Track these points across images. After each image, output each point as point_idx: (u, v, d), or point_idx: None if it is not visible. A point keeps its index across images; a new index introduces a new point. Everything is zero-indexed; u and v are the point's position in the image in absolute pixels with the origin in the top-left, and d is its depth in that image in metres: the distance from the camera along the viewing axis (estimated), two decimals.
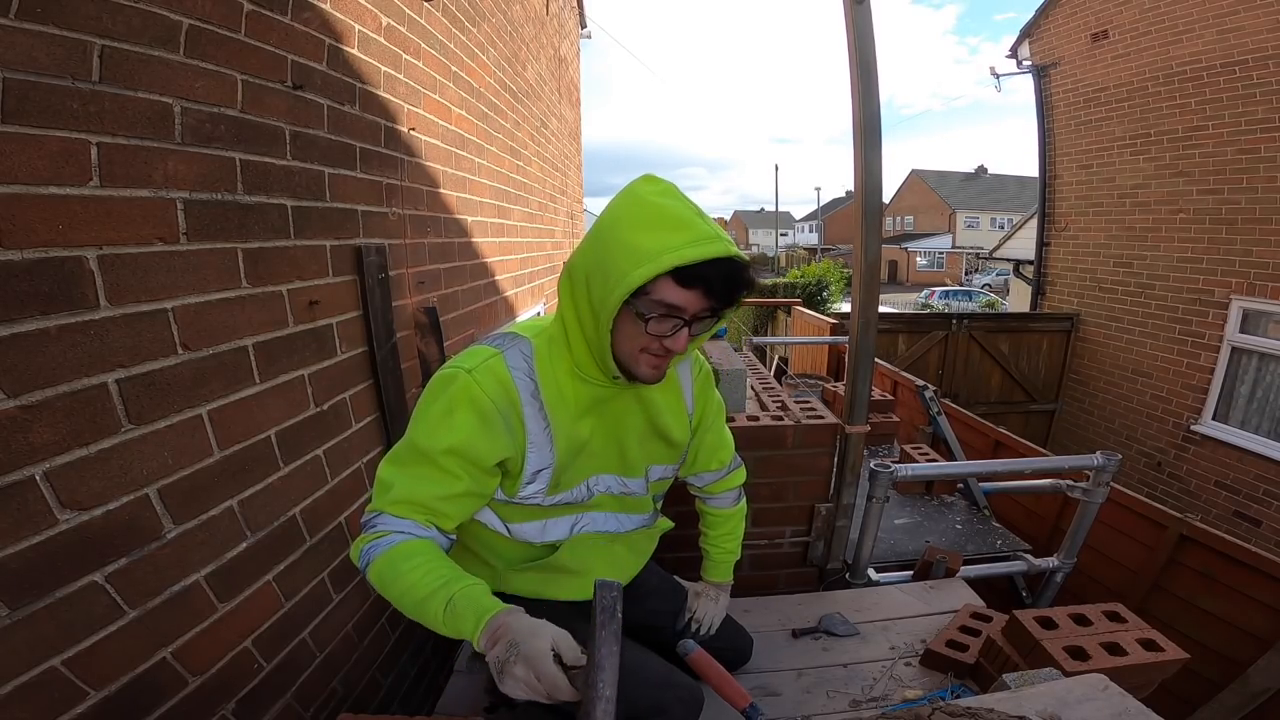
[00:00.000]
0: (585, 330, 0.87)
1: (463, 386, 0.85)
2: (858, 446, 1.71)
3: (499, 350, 0.89)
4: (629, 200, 0.82)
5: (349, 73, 1.48)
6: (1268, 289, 4.33)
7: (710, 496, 1.30)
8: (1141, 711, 0.93)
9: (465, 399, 0.84)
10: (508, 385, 0.87)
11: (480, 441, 0.86)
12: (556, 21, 4.67)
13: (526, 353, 0.90)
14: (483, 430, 0.86)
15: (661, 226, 0.79)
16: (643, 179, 0.86)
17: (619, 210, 0.82)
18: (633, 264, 0.77)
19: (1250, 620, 1.95)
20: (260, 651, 1.15)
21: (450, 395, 0.85)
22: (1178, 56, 4.80)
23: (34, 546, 0.76)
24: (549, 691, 0.67)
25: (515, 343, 0.91)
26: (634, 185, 0.85)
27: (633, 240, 0.78)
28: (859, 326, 1.61)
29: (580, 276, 0.85)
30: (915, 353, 5.92)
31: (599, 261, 0.81)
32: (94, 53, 0.84)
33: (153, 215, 0.93)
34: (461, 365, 0.87)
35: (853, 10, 1.41)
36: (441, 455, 0.84)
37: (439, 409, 0.86)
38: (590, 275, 0.83)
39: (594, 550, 1.09)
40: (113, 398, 0.87)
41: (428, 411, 0.87)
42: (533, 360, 0.90)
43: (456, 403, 0.85)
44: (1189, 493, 4.85)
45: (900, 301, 21.74)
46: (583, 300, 0.85)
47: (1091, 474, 1.85)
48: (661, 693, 1.04)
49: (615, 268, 0.79)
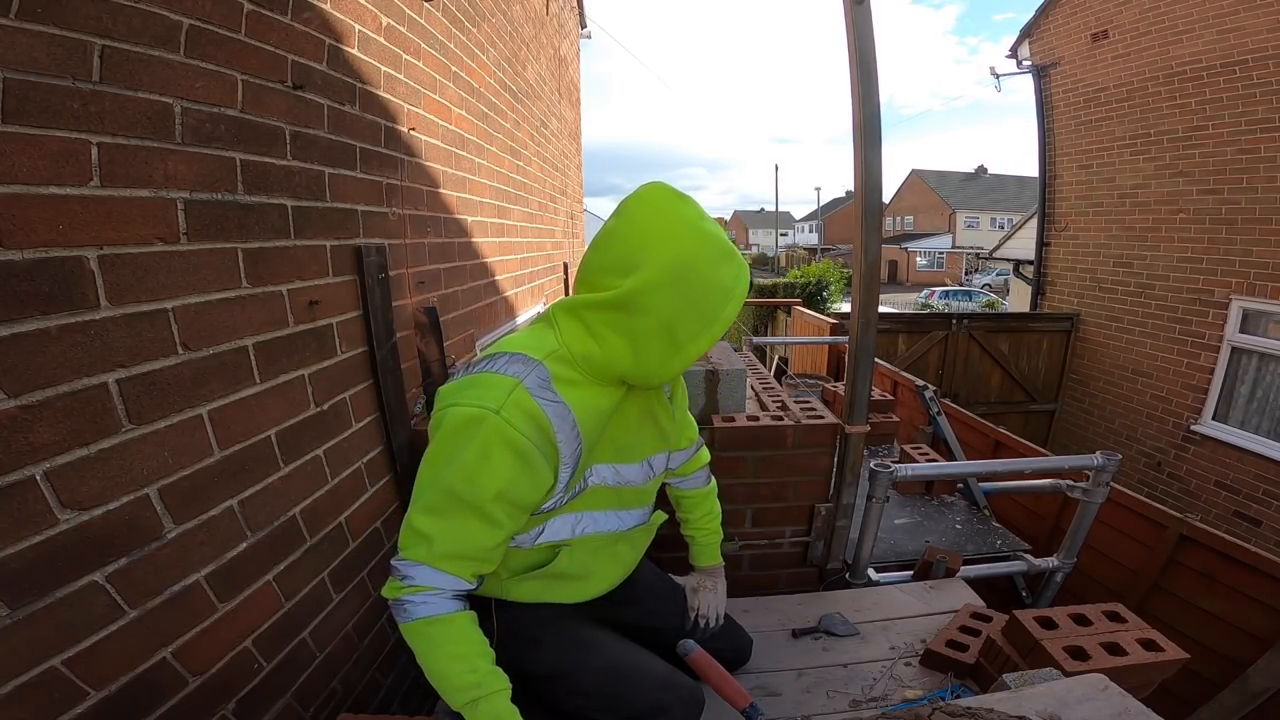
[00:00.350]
0: (647, 360, 0.87)
1: (495, 429, 0.81)
2: (858, 446, 1.71)
3: (519, 380, 0.84)
4: (692, 233, 0.84)
5: (349, 73, 1.48)
6: (1268, 289, 4.33)
7: (684, 479, 1.31)
8: (1141, 711, 0.93)
9: (500, 442, 0.82)
10: (539, 419, 0.85)
11: (523, 483, 0.86)
12: (556, 21, 4.67)
13: (544, 378, 0.87)
14: (525, 472, 0.85)
15: (724, 256, 0.85)
16: (672, 196, 0.86)
17: (691, 248, 0.83)
18: (723, 301, 0.85)
19: (1250, 620, 1.95)
20: (260, 651, 1.15)
21: (483, 439, 0.81)
22: (1178, 56, 4.80)
23: (34, 546, 0.76)
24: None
25: (531, 369, 0.86)
26: (681, 211, 0.85)
27: (717, 277, 0.84)
28: (859, 326, 1.61)
29: (654, 318, 0.84)
30: (915, 353, 5.92)
31: (688, 305, 0.83)
32: (94, 53, 0.84)
33: (153, 215, 0.93)
34: (486, 405, 0.82)
35: (853, 10, 1.41)
36: (489, 503, 0.84)
37: (473, 454, 0.82)
38: (674, 319, 0.84)
39: (596, 552, 1.09)
40: (113, 398, 0.87)
41: (458, 456, 0.82)
42: (552, 384, 0.87)
43: (491, 446, 0.82)
44: (1189, 493, 4.85)
45: (900, 301, 21.74)
46: (653, 336, 0.85)
47: (1091, 474, 1.85)
48: (663, 693, 1.05)
49: (709, 307, 0.85)
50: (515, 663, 1.00)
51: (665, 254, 0.82)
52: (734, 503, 1.74)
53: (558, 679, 1.05)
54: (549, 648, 1.06)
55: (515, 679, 1.00)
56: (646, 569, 1.31)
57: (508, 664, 0.97)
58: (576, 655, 1.05)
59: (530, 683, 1.04)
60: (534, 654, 1.05)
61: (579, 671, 1.05)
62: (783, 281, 16.91)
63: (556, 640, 1.07)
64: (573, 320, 0.90)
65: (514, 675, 1.00)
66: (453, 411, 0.83)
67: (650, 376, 0.90)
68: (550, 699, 1.07)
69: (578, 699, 1.05)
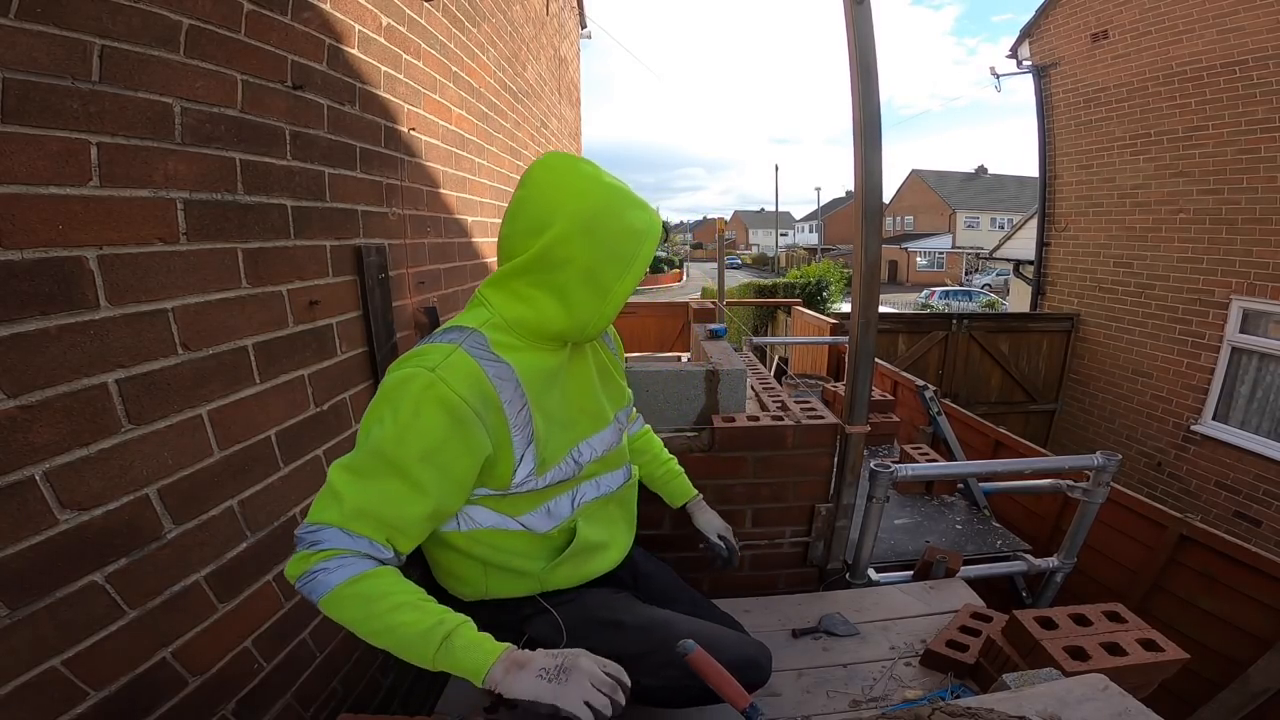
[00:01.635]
0: (579, 311, 0.90)
1: (427, 385, 0.79)
2: (858, 446, 1.71)
3: (456, 344, 0.84)
4: (595, 186, 0.88)
5: (349, 73, 1.48)
6: (1268, 289, 4.32)
7: (632, 425, 1.35)
8: (1141, 711, 0.93)
9: (433, 399, 0.79)
10: (479, 378, 0.83)
11: (454, 446, 0.82)
12: (556, 22, 4.67)
13: (482, 342, 0.87)
14: (457, 434, 0.81)
15: (630, 203, 0.91)
16: (571, 158, 0.91)
17: (596, 198, 0.87)
18: (637, 242, 0.90)
19: (1250, 620, 1.95)
20: (260, 651, 1.15)
21: (415, 397, 0.78)
22: (1178, 56, 4.80)
23: (34, 546, 0.76)
24: (616, 675, 0.81)
25: (466, 335, 0.87)
26: (581, 169, 0.89)
27: (627, 221, 0.89)
28: (859, 326, 1.60)
29: (576, 268, 0.88)
30: (915, 353, 5.92)
31: (606, 250, 0.88)
32: (94, 53, 0.84)
33: (153, 215, 0.93)
34: (421, 364, 0.80)
35: (853, 10, 1.41)
36: (414, 464, 0.79)
37: (405, 412, 0.79)
38: (595, 265, 0.88)
39: (602, 518, 1.11)
40: (113, 398, 0.87)
41: (390, 415, 0.79)
42: (491, 347, 0.88)
43: (423, 404, 0.79)
44: (1189, 493, 4.85)
45: (900, 301, 21.74)
46: (579, 286, 0.89)
47: (1091, 474, 1.85)
48: (745, 647, 1.09)
49: (625, 249, 0.89)
50: (604, 645, 0.98)
51: (573, 206, 0.86)
52: (734, 503, 1.74)
53: (648, 655, 1.04)
54: (632, 627, 1.06)
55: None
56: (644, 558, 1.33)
57: (597, 649, 0.94)
58: (661, 630, 1.06)
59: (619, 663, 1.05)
60: (619, 636, 1.05)
61: (664, 646, 1.02)
62: (783, 282, 16.90)
63: (636, 620, 1.07)
64: (499, 291, 0.93)
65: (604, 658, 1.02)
66: (391, 375, 0.82)
67: (586, 326, 0.92)
68: (639, 675, 1.03)
69: (669, 670, 1.02)
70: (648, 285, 32.15)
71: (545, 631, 1.04)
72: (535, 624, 1.05)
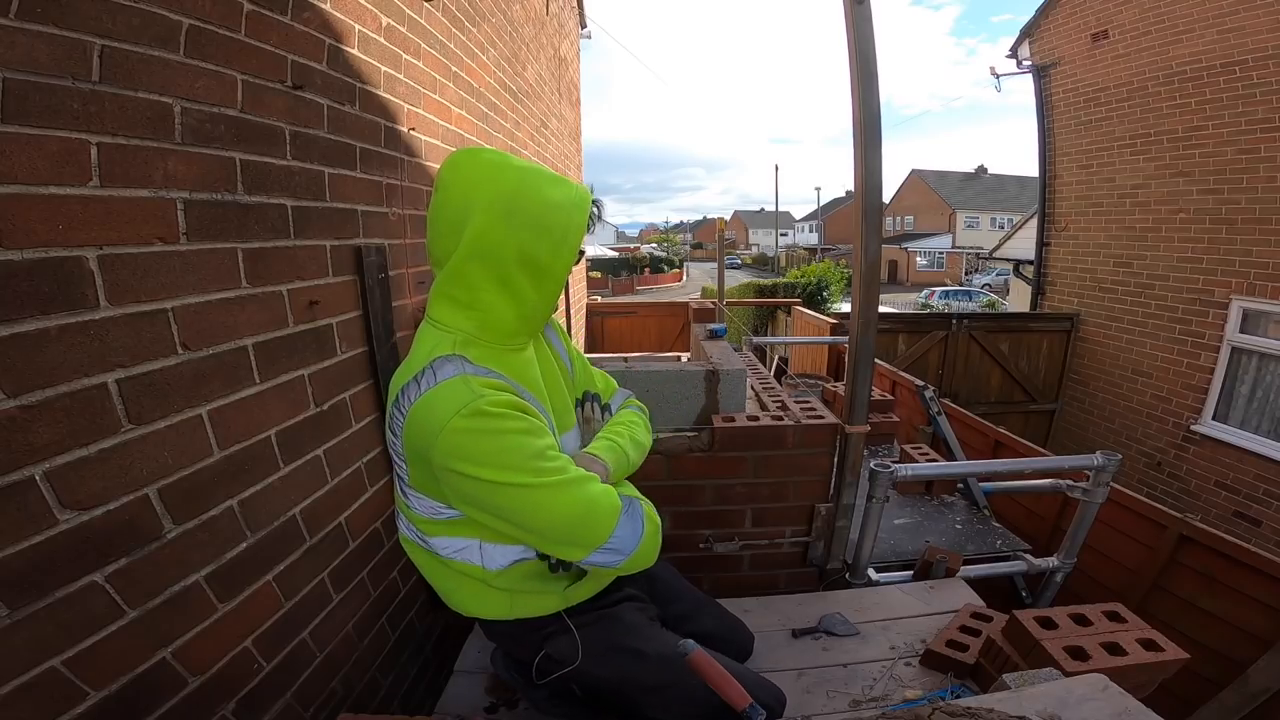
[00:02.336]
0: (525, 299, 0.90)
1: (491, 406, 0.81)
2: (858, 446, 1.71)
3: (460, 374, 0.84)
4: (504, 170, 0.86)
5: (349, 73, 1.47)
6: (1268, 289, 4.32)
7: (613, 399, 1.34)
8: (1141, 711, 0.93)
9: (501, 410, 0.82)
10: (501, 385, 0.87)
11: (538, 422, 0.88)
12: (556, 22, 4.67)
13: (469, 365, 0.87)
14: (533, 415, 0.88)
15: (547, 179, 0.89)
16: (474, 150, 0.89)
17: (508, 181, 0.85)
18: (565, 214, 0.88)
19: (1250, 620, 1.95)
20: (260, 651, 1.15)
21: (491, 419, 0.81)
22: (1178, 56, 4.80)
23: (34, 546, 0.76)
24: None
25: (455, 362, 0.86)
26: (486, 158, 0.88)
27: (547, 195, 0.87)
28: (859, 326, 1.60)
29: (508, 254, 0.86)
30: (915, 353, 5.92)
31: (532, 229, 0.86)
32: (94, 53, 0.84)
33: (153, 215, 0.93)
34: (464, 403, 0.81)
35: (853, 10, 1.41)
36: (550, 437, 0.88)
37: (504, 433, 0.82)
38: (526, 247, 0.86)
39: None
40: (113, 398, 0.87)
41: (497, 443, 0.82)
42: (480, 364, 0.88)
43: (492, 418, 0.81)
44: (1189, 493, 4.85)
45: (900, 301, 21.72)
46: (517, 273, 0.88)
47: (1091, 474, 1.85)
48: (761, 692, 1.07)
49: (553, 222, 0.87)
50: (621, 672, 1.04)
51: (486, 194, 0.84)
52: (734, 503, 1.74)
53: (666, 689, 1.07)
54: (654, 658, 1.07)
55: (617, 690, 1.05)
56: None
57: (614, 675, 1.01)
58: (680, 665, 1.05)
59: (633, 694, 1.07)
60: (640, 665, 1.07)
61: (684, 679, 1.04)
62: (783, 281, 16.89)
63: (658, 650, 1.08)
64: (443, 304, 0.92)
65: (619, 686, 1.05)
66: (449, 433, 0.80)
67: (537, 311, 0.93)
68: (652, 709, 1.08)
69: (686, 707, 1.06)
70: (648, 285, 32.12)
71: (564, 650, 1.05)
72: (556, 642, 1.06)
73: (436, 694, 1.46)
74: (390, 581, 1.67)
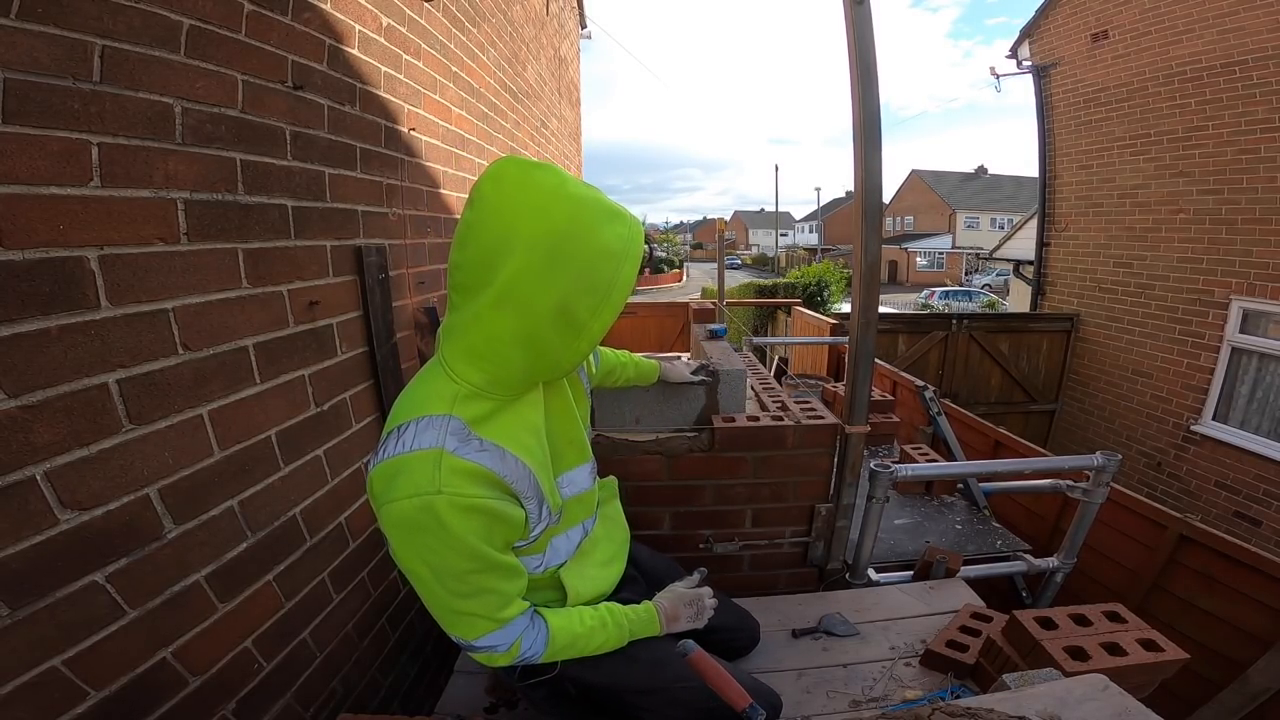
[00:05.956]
0: (546, 356, 0.80)
1: (449, 507, 0.75)
2: (858, 447, 1.71)
3: (439, 448, 0.76)
4: (558, 201, 0.73)
5: (349, 73, 1.48)
6: (1268, 289, 4.32)
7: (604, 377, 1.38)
8: (1141, 711, 0.93)
9: (462, 513, 0.76)
10: (483, 474, 0.79)
11: (503, 526, 0.83)
12: (556, 22, 4.67)
13: (461, 430, 0.78)
14: (501, 518, 0.82)
15: (603, 216, 0.76)
16: (526, 166, 0.75)
17: (561, 217, 0.73)
18: (614, 265, 0.76)
19: (1250, 620, 1.95)
20: (260, 651, 1.15)
21: (445, 522, 0.75)
22: (1178, 56, 4.80)
23: (34, 546, 0.76)
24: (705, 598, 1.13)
25: (443, 428, 0.78)
26: (539, 181, 0.74)
27: (601, 241, 0.75)
28: (859, 326, 1.60)
29: (542, 307, 0.75)
30: (915, 353, 5.92)
31: (576, 280, 0.75)
32: (95, 53, 0.84)
33: (153, 215, 0.94)
34: (424, 491, 0.74)
35: (853, 10, 1.41)
36: (498, 556, 0.83)
37: (451, 537, 0.76)
38: (566, 300, 0.75)
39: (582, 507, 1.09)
40: (113, 398, 0.87)
41: (439, 546, 0.77)
42: (473, 432, 0.79)
43: (457, 523, 0.76)
44: (1189, 493, 4.85)
45: (900, 301, 21.73)
46: (547, 328, 0.77)
47: (1091, 474, 1.85)
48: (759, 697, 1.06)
49: (600, 275, 0.76)
50: (611, 676, 1.05)
51: (532, 229, 0.72)
52: (734, 503, 1.74)
53: (655, 693, 1.08)
54: (645, 663, 1.07)
55: (611, 694, 1.05)
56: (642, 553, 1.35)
57: (605, 680, 1.02)
58: (671, 669, 1.07)
59: (624, 696, 1.08)
60: (630, 668, 1.07)
61: (674, 684, 1.07)
62: (783, 282, 16.88)
63: (651, 656, 1.08)
64: (457, 349, 0.81)
65: (610, 690, 1.05)
66: (394, 509, 0.75)
67: (559, 366, 0.82)
68: (642, 713, 1.10)
69: (675, 710, 1.08)
70: (648, 285, 32.12)
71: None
72: None
73: (436, 694, 1.46)
74: (390, 582, 1.67)
